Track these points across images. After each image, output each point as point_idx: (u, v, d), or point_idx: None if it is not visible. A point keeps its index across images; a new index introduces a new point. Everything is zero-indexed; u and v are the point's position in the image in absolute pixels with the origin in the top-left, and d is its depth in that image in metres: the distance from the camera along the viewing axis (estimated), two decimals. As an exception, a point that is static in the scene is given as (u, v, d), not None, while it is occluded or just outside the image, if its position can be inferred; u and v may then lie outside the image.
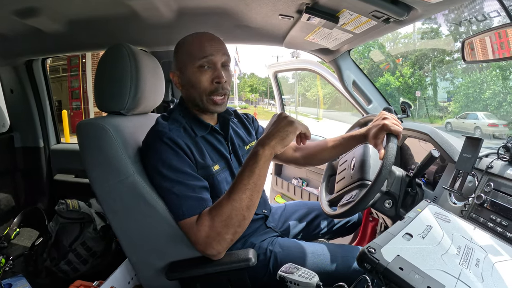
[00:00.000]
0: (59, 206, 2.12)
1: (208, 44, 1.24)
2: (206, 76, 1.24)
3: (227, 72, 1.27)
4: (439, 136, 1.55)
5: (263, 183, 1.11)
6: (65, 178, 2.74)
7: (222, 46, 1.27)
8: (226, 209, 1.07)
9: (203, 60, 1.23)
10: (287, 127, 1.08)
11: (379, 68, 24.23)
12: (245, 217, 1.09)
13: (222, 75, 1.24)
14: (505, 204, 1.15)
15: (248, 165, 1.09)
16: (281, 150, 1.09)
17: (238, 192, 1.07)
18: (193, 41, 1.27)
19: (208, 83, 1.24)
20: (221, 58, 1.25)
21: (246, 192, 1.07)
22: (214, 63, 1.24)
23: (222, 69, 1.26)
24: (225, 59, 1.27)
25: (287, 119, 1.10)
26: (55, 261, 2.04)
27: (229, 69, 1.30)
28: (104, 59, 1.29)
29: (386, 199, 1.35)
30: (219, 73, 1.24)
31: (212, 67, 1.25)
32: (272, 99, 38.83)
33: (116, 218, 1.22)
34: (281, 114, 1.12)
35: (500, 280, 0.74)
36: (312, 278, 0.88)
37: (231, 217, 1.07)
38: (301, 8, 1.41)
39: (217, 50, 1.24)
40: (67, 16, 1.68)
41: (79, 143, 1.21)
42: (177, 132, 1.21)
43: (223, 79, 1.24)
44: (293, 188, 2.93)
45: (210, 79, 1.24)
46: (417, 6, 1.21)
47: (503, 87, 16.03)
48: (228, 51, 1.29)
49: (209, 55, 1.23)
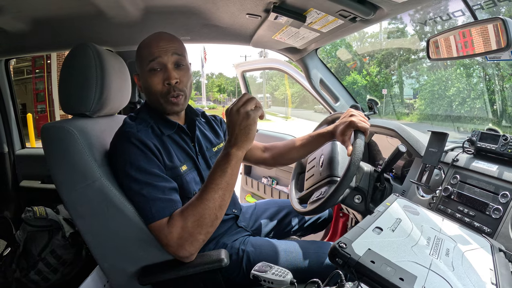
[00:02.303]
0: (26, 214, 2.04)
1: (155, 46, 1.22)
2: (157, 79, 1.22)
3: (181, 72, 1.25)
4: (405, 132, 1.59)
5: (235, 182, 1.12)
6: (31, 184, 2.63)
7: (171, 46, 1.24)
8: (199, 209, 1.06)
9: (152, 63, 1.21)
10: (245, 121, 1.05)
11: (346, 67, 24.67)
12: (217, 217, 1.08)
13: (171, 76, 1.21)
14: (472, 195, 1.20)
15: (219, 165, 1.08)
16: (250, 145, 1.09)
17: (210, 191, 1.07)
18: (143, 45, 1.25)
19: (160, 86, 1.23)
20: (171, 58, 1.23)
21: (218, 192, 1.07)
22: (163, 65, 1.22)
23: (175, 68, 1.24)
24: (176, 59, 1.24)
25: (240, 114, 1.05)
26: (24, 271, 1.95)
27: (184, 68, 1.27)
28: (68, 59, 1.24)
29: (355, 194, 1.38)
30: (169, 74, 1.21)
31: (163, 69, 1.23)
32: (241, 99, 38.74)
33: (85, 224, 1.18)
34: (232, 110, 1.07)
35: (470, 268, 0.76)
36: (286, 276, 0.88)
37: (204, 216, 1.06)
38: (269, 7, 1.41)
39: (165, 51, 1.22)
40: (31, 15, 1.62)
41: (44, 148, 1.16)
42: (145, 132, 1.19)
43: (173, 80, 1.21)
44: (263, 187, 2.95)
45: (161, 81, 1.23)
46: (383, 6, 1.23)
47: (467, 84, 16.63)
48: (181, 49, 1.26)
49: (157, 57, 1.21)
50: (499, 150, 1.21)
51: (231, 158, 1.07)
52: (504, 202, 1.09)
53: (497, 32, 1.07)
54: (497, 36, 1.07)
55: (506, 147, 1.19)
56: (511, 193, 1.09)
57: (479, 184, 1.21)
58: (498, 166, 1.20)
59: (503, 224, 1.07)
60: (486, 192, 1.17)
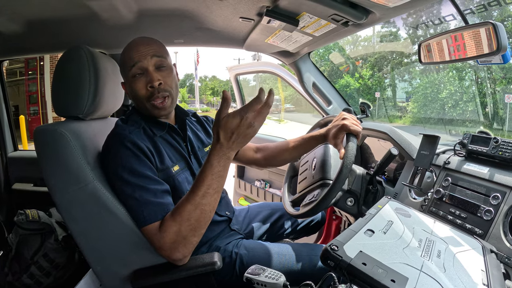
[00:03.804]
0: (18, 217, 2.02)
1: (134, 51, 1.22)
2: (140, 84, 1.23)
3: (163, 73, 1.24)
4: (397, 135, 1.60)
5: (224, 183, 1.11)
6: (24, 187, 2.60)
7: (150, 48, 1.23)
8: (195, 214, 1.04)
9: (133, 68, 1.22)
10: (248, 129, 0.98)
11: (339, 70, 24.70)
12: (211, 218, 1.08)
13: (153, 79, 1.21)
14: (463, 197, 1.21)
15: (218, 169, 1.03)
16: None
17: (208, 196, 1.04)
18: (123, 52, 1.26)
19: (144, 90, 1.23)
20: (151, 61, 1.22)
21: (214, 196, 1.05)
22: (145, 68, 1.22)
23: (157, 71, 1.23)
24: (156, 61, 1.23)
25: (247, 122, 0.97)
26: (17, 275, 1.94)
27: (166, 69, 1.26)
28: (61, 62, 1.24)
29: (348, 197, 1.39)
30: (151, 77, 1.21)
31: (144, 73, 1.22)
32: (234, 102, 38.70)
33: (78, 227, 1.17)
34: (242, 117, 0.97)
35: (461, 269, 0.76)
36: (279, 279, 0.88)
37: (199, 220, 1.05)
38: (262, 11, 1.41)
39: (144, 55, 1.21)
40: (25, 17, 1.61)
41: (37, 150, 1.16)
42: (137, 134, 1.19)
43: (155, 82, 1.21)
44: (256, 190, 2.95)
45: (145, 86, 1.22)
46: (375, 10, 1.24)
47: (459, 87, 16.75)
48: (160, 51, 1.25)
49: (137, 62, 1.21)
50: (490, 153, 1.23)
51: (229, 163, 1.05)
52: (495, 204, 1.11)
53: (489, 36, 1.08)
54: (489, 40, 1.09)
55: (497, 149, 1.21)
56: (502, 195, 1.11)
57: (470, 186, 1.22)
58: (489, 168, 1.21)
59: (494, 226, 1.08)
60: (478, 194, 1.18)
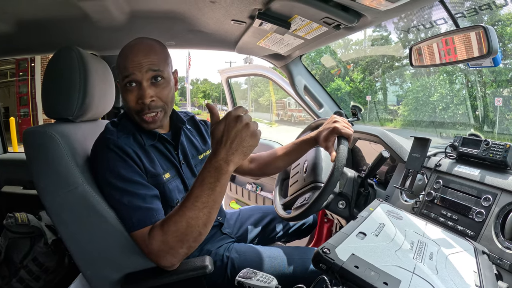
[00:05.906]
0: (7, 220, 1.99)
1: (131, 60, 1.15)
2: (132, 96, 1.17)
3: (158, 88, 1.18)
4: (388, 138, 1.61)
5: (222, 198, 1.03)
6: (13, 190, 2.56)
7: (147, 60, 1.15)
8: (180, 226, 0.99)
9: (126, 79, 1.16)
10: (251, 140, 0.97)
11: (330, 74, 24.81)
12: (201, 233, 1.02)
13: (145, 96, 1.15)
14: (454, 199, 1.22)
15: (207, 181, 0.98)
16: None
17: (195, 209, 0.98)
18: (121, 55, 1.19)
19: (134, 103, 1.18)
20: (146, 75, 1.15)
21: (204, 210, 0.99)
22: (138, 81, 1.16)
23: (151, 85, 1.17)
24: (152, 75, 1.17)
25: (249, 130, 0.96)
26: (6, 279, 1.91)
27: (162, 82, 1.19)
28: (52, 63, 1.22)
29: (339, 200, 1.39)
30: (143, 93, 1.15)
31: (137, 85, 1.17)
32: (225, 105, 38.66)
33: (67, 231, 1.15)
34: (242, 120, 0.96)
35: (454, 271, 0.76)
36: (271, 282, 0.88)
37: (186, 233, 1.00)
38: (254, 14, 1.41)
39: (139, 67, 1.14)
40: (16, 16, 1.59)
41: (26, 152, 1.14)
42: (125, 139, 1.16)
43: (147, 99, 1.15)
44: (248, 193, 2.94)
45: (135, 99, 1.17)
46: (366, 14, 1.24)
47: (450, 90, 16.93)
48: (158, 63, 1.18)
49: (131, 74, 1.15)
50: (480, 155, 1.24)
51: (223, 176, 0.98)
52: (487, 206, 1.11)
53: (479, 40, 1.09)
54: (479, 43, 1.10)
55: (488, 151, 1.22)
56: (493, 197, 1.11)
57: (461, 188, 1.23)
58: (480, 170, 1.22)
59: (485, 227, 1.09)
60: (469, 196, 1.19)
